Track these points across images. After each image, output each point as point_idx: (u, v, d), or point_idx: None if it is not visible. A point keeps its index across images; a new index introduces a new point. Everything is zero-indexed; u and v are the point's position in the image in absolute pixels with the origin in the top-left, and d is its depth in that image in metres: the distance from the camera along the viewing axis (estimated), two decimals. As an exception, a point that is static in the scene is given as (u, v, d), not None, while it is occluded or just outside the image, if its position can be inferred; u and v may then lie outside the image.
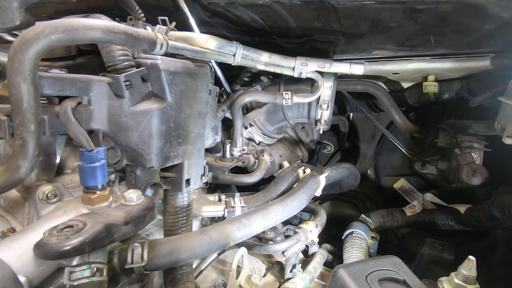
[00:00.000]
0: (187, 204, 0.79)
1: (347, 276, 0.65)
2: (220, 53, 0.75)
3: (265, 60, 0.83)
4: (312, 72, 0.83)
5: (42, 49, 0.43)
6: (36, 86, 0.44)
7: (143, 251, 0.58)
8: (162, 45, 0.57)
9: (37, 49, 0.42)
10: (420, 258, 1.01)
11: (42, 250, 0.46)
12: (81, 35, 0.45)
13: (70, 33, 0.43)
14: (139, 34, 0.51)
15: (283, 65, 0.84)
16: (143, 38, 0.52)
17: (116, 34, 0.47)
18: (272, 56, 0.83)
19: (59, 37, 0.43)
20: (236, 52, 0.77)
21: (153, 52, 0.57)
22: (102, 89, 0.58)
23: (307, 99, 0.87)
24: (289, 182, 1.06)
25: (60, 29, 0.43)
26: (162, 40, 0.57)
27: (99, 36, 0.46)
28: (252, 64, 0.82)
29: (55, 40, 0.43)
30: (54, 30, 0.42)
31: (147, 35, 0.54)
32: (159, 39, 0.56)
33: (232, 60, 0.78)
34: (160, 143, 0.64)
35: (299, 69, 0.83)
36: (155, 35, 0.56)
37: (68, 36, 0.43)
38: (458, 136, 1.16)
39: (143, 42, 0.53)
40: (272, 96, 0.91)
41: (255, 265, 0.94)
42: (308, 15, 0.75)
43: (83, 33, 0.44)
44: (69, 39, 0.44)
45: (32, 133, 0.45)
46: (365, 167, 1.46)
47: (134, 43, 0.51)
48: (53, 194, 0.61)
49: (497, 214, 0.94)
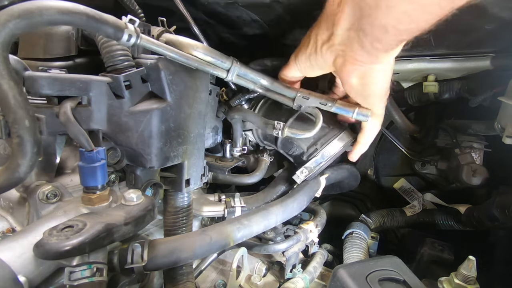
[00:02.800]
0: (187, 204, 0.79)
1: (347, 276, 0.65)
2: (209, 64, 0.68)
3: (264, 84, 0.77)
4: (312, 108, 0.77)
5: (5, 40, 0.41)
6: (15, 81, 0.43)
7: (143, 251, 0.58)
8: (131, 36, 0.53)
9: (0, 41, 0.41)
10: (420, 258, 1.01)
11: (42, 250, 0.46)
12: (39, 19, 0.43)
13: (27, 18, 0.42)
14: (103, 18, 0.49)
15: (284, 93, 0.78)
16: (107, 22, 0.49)
17: (76, 15, 0.45)
18: (274, 82, 0.77)
19: (16, 23, 0.41)
20: (230, 68, 0.71)
21: (120, 42, 0.53)
22: (102, 89, 0.58)
23: (300, 136, 0.80)
24: (289, 183, 1.07)
25: (14, 15, 0.41)
26: (132, 31, 0.53)
27: (58, 18, 0.44)
28: (248, 85, 0.77)
29: (14, 27, 0.41)
30: (9, 17, 0.41)
31: (112, 20, 0.51)
32: (127, 29, 0.52)
33: (225, 75, 0.71)
34: (160, 143, 0.64)
35: (299, 101, 0.76)
36: (124, 24, 0.52)
37: (25, 21, 0.42)
38: (458, 136, 1.16)
39: (106, 27, 0.49)
40: (264, 123, 0.87)
41: (255, 265, 0.94)
42: (308, 15, 0.75)
43: (40, 15, 0.42)
44: (28, 24, 0.42)
45: (28, 129, 0.45)
46: (365, 167, 1.46)
47: (96, 26, 0.48)
48: (53, 194, 0.61)
49: (497, 214, 0.94)
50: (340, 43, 0.60)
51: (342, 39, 0.59)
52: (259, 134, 1.02)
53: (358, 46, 0.56)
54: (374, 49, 0.55)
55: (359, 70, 0.62)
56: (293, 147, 0.92)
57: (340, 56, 0.62)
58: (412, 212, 1.19)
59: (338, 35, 0.59)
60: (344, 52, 0.61)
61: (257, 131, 1.02)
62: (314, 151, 0.86)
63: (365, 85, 0.65)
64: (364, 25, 0.53)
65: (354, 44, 0.57)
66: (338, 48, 0.61)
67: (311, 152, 0.87)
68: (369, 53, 0.57)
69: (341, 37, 0.59)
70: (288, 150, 0.93)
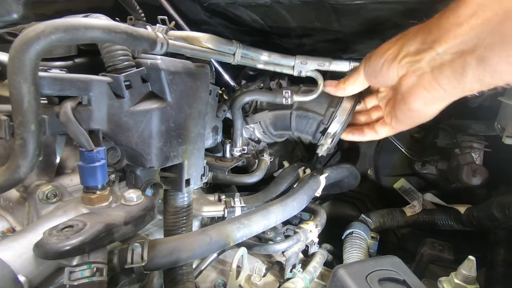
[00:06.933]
0: (187, 204, 0.79)
1: (347, 276, 0.65)
2: (220, 52, 0.74)
3: (264, 59, 0.82)
4: (311, 70, 0.82)
5: (43, 49, 0.42)
6: (36, 86, 0.44)
7: (143, 251, 0.58)
8: (163, 45, 0.57)
9: (38, 49, 0.42)
10: (420, 258, 1.01)
11: (42, 250, 0.46)
12: (82, 35, 0.44)
13: (71, 33, 0.43)
14: (140, 34, 0.51)
15: (283, 63, 0.83)
16: (144, 38, 0.52)
17: (117, 34, 0.47)
18: (272, 55, 0.82)
19: (60, 36, 0.43)
20: (235, 51, 0.77)
21: (154, 52, 0.57)
22: (102, 89, 0.58)
23: (308, 98, 0.85)
24: (289, 182, 1.07)
25: (61, 29, 0.42)
26: (163, 40, 0.57)
27: (99, 36, 0.46)
28: (251, 63, 0.82)
29: (56, 40, 0.43)
30: (54, 30, 0.42)
31: (148, 34, 0.54)
32: (159, 38, 0.56)
33: (232, 59, 0.77)
34: (160, 143, 0.65)
35: (298, 68, 0.82)
36: (156, 35, 0.55)
37: (68, 36, 0.43)
38: (458, 136, 1.16)
39: (143, 42, 0.53)
40: (272, 94, 0.90)
41: (255, 265, 0.94)
42: (308, 15, 0.75)
43: (84, 32, 0.44)
44: (70, 39, 0.44)
45: (33, 133, 0.45)
46: (365, 167, 1.46)
47: (134, 42, 0.51)
48: (53, 194, 0.61)
49: (497, 214, 0.94)
50: (431, 62, 0.51)
51: (439, 59, 0.50)
52: (268, 125, 1.02)
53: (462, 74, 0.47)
54: (478, 82, 0.46)
55: (428, 98, 0.54)
56: (309, 120, 0.91)
57: (415, 75, 0.54)
58: (412, 212, 1.19)
59: (436, 55, 0.50)
60: (424, 73, 0.52)
61: (265, 122, 1.01)
62: (333, 113, 0.85)
63: (422, 112, 0.58)
64: (493, 55, 0.43)
65: (457, 69, 0.47)
66: (422, 66, 0.53)
67: (330, 114, 0.86)
68: (466, 84, 0.47)
69: (440, 58, 0.50)
70: (304, 126, 0.93)
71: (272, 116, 0.98)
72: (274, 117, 0.98)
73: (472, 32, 0.45)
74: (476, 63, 0.45)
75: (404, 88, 0.57)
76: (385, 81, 0.63)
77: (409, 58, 0.55)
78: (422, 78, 0.53)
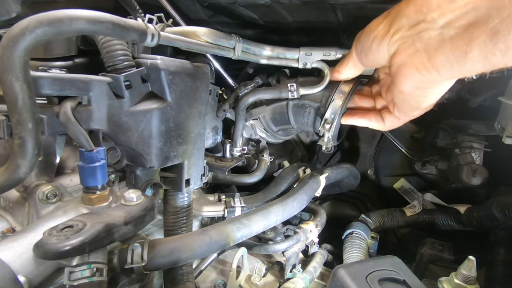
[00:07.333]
0: (187, 204, 0.79)
1: (347, 276, 0.65)
2: (219, 46, 0.73)
3: (267, 54, 0.80)
4: (317, 61, 0.80)
5: (30, 45, 0.42)
6: (29, 84, 0.44)
7: (143, 251, 0.58)
8: (154, 36, 0.55)
9: (25, 45, 0.41)
10: (420, 258, 1.01)
11: (42, 250, 0.46)
12: (67, 27, 0.43)
13: (56, 26, 0.42)
14: (128, 24, 0.50)
15: (287, 57, 0.81)
16: (133, 28, 0.51)
17: (103, 24, 0.46)
18: (275, 48, 0.80)
19: (45, 30, 0.42)
20: (235, 46, 0.75)
21: (144, 44, 0.55)
22: (102, 89, 0.58)
23: (314, 90, 0.83)
24: (289, 182, 1.07)
25: (44, 22, 0.41)
26: (153, 31, 0.55)
27: (85, 27, 0.45)
28: (254, 58, 0.80)
29: (42, 34, 0.42)
30: (39, 23, 0.41)
31: (136, 25, 0.52)
32: (149, 29, 0.54)
33: (232, 53, 0.75)
34: (160, 143, 0.65)
35: (303, 60, 0.80)
36: (145, 25, 0.54)
37: (54, 29, 0.42)
38: (458, 136, 1.16)
39: (132, 32, 0.51)
40: (277, 90, 0.88)
41: (255, 265, 0.94)
42: (308, 15, 0.75)
43: (69, 24, 0.43)
44: (55, 32, 0.43)
45: (30, 131, 0.45)
46: (365, 167, 1.46)
47: (122, 33, 0.49)
48: (53, 194, 0.61)
49: (497, 214, 0.94)
50: (426, 37, 0.44)
51: (438, 34, 0.43)
52: (268, 121, 1.01)
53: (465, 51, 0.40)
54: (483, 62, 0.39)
55: (419, 79, 0.49)
56: (306, 109, 0.90)
57: (406, 53, 0.48)
58: (412, 212, 1.19)
59: (435, 29, 0.43)
60: (416, 51, 0.46)
61: (265, 118, 1.00)
62: (329, 97, 0.82)
63: (415, 96, 0.53)
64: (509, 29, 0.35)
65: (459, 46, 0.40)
66: (415, 42, 0.46)
67: (326, 99, 0.83)
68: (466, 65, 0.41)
69: (439, 32, 0.43)
70: (302, 117, 0.92)
71: (271, 110, 0.97)
72: (272, 111, 0.97)
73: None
74: (486, 38, 0.37)
75: (395, 68, 0.51)
76: (377, 60, 0.57)
77: (401, 33, 0.48)
78: (414, 57, 0.47)
